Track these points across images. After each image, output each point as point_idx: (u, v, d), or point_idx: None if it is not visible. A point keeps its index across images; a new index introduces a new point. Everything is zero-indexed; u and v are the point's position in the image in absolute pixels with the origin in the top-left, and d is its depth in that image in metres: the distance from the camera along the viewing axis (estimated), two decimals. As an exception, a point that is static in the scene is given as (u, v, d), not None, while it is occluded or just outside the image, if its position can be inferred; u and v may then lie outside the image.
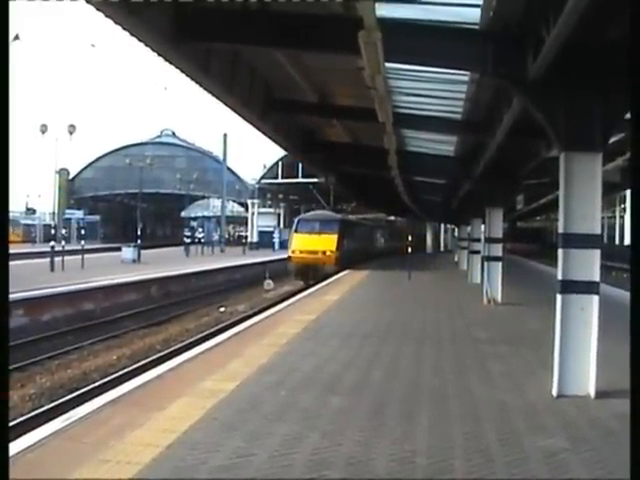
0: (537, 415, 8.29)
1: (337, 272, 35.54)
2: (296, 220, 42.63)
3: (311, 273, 37.04)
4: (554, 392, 9.22)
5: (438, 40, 10.35)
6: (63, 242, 38.44)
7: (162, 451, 6.65)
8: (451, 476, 6.15)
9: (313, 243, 38.22)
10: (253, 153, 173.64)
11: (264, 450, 6.74)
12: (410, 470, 6.26)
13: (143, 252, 44.89)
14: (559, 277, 9.39)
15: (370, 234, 55.29)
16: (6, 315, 4.31)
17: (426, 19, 10.51)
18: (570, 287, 9.26)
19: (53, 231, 41.28)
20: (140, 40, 13.08)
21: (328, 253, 37.72)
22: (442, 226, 79.93)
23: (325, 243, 38.09)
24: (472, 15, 10.04)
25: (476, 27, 10.31)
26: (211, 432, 7.31)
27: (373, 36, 8.94)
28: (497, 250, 21.42)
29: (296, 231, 39.74)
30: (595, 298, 9.16)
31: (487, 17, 9.92)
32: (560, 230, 9.47)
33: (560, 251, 9.38)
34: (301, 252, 37.99)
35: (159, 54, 14.13)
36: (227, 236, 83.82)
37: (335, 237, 38.42)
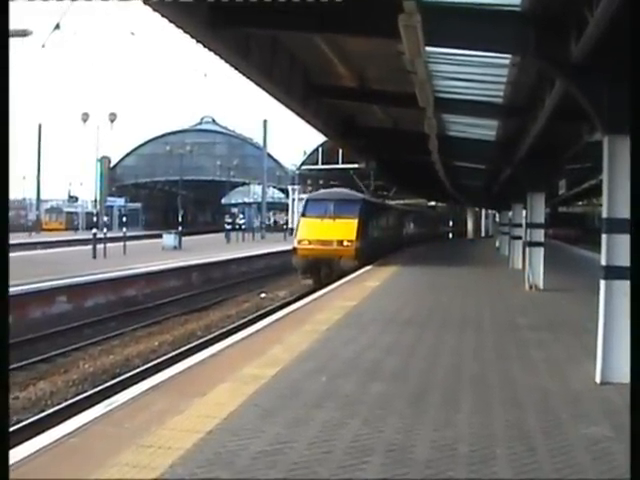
0: (580, 402, 8.21)
1: (356, 269, 27.89)
2: (304, 200, 35.56)
3: (323, 270, 29.45)
4: (597, 379, 9.12)
5: (479, 23, 10.21)
6: (105, 229, 38.74)
7: (203, 437, 6.68)
8: (493, 463, 6.10)
9: (326, 231, 29.86)
10: (293, 139, 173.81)
11: (305, 436, 6.74)
12: (451, 457, 6.21)
13: (184, 239, 45.08)
14: (602, 263, 9.27)
15: (401, 219, 47.35)
16: (6, 315, 4.32)
17: (466, 2, 10.39)
18: (614, 273, 9.12)
19: (95, 218, 41.70)
20: (178, 27, 13.11)
21: (346, 243, 29.34)
22: (483, 211, 79.39)
23: (342, 230, 29.65)
24: (513, -3, 9.91)
25: (517, 9, 10.16)
26: (252, 418, 7.32)
27: (413, 19, 8.87)
28: (539, 235, 21.19)
29: (304, 215, 31.46)
30: (640, 284, 8.99)
31: (528, -1, 9.78)
32: (604, 215, 9.33)
33: (604, 236, 9.24)
34: (310, 242, 29.70)
35: (198, 41, 14.15)
36: (268, 222, 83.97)
37: (355, 222, 29.88)
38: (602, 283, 9.23)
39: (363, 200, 33.69)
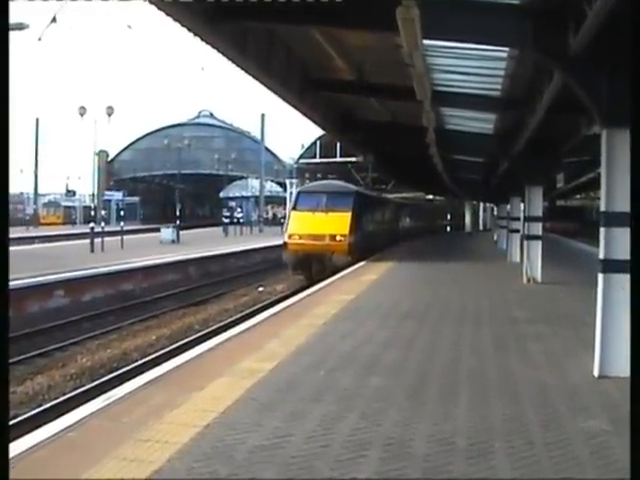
0: (578, 396, 8.19)
1: (350, 265, 26.55)
2: (295, 193, 34.19)
3: (315, 266, 28.09)
4: (595, 373, 9.10)
5: (477, 16, 10.17)
6: (103, 223, 38.75)
7: (201, 431, 6.67)
8: (492, 457, 6.09)
9: (318, 225, 28.48)
10: (291, 133, 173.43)
11: (302, 430, 6.73)
12: (449, 451, 6.20)
13: (182, 232, 45.11)
14: (600, 256, 9.25)
15: (397, 213, 45.91)
16: (6, 314, 4.31)
17: (465, -6, 10.36)
18: (612, 266, 9.10)
19: (93, 212, 41.56)
20: (176, 20, 13.05)
21: (339, 238, 27.94)
22: (481, 205, 79.38)
23: (335, 225, 28.31)
24: (512, -10, 9.90)
25: (515, 2, 10.15)
26: (249, 412, 7.31)
27: (411, 12, 8.83)
28: (537, 229, 21.15)
29: (295, 208, 30.04)
30: (638, 278, 8.97)
31: (527, -9, 9.75)
32: (602, 208, 9.30)
33: (602, 230, 9.22)
34: (301, 237, 28.35)
35: (195, 34, 14.10)
36: (265, 216, 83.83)
37: (348, 216, 28.51)
38: (600, 277, 9.21)
39: (357, 193, 31.89)
